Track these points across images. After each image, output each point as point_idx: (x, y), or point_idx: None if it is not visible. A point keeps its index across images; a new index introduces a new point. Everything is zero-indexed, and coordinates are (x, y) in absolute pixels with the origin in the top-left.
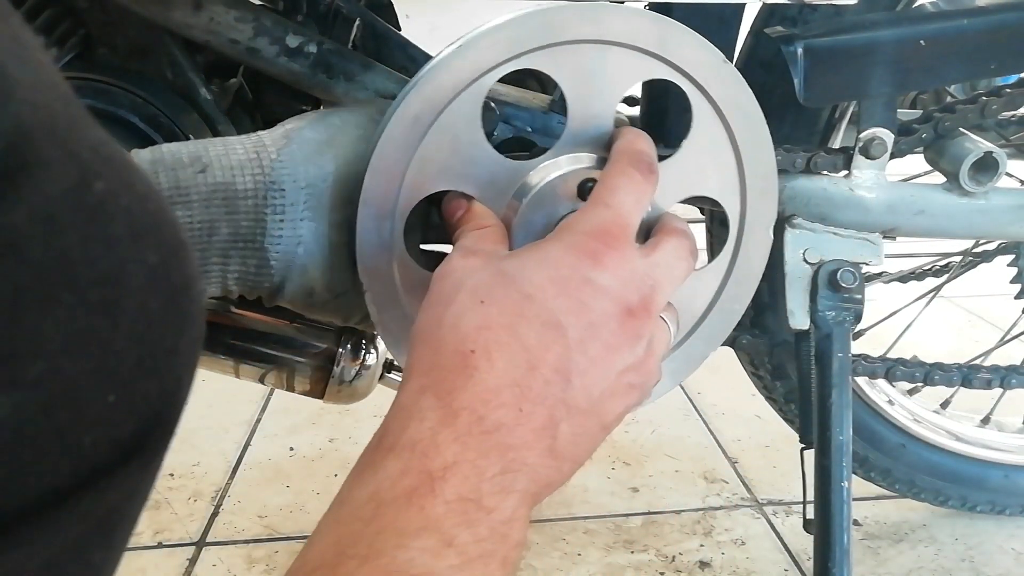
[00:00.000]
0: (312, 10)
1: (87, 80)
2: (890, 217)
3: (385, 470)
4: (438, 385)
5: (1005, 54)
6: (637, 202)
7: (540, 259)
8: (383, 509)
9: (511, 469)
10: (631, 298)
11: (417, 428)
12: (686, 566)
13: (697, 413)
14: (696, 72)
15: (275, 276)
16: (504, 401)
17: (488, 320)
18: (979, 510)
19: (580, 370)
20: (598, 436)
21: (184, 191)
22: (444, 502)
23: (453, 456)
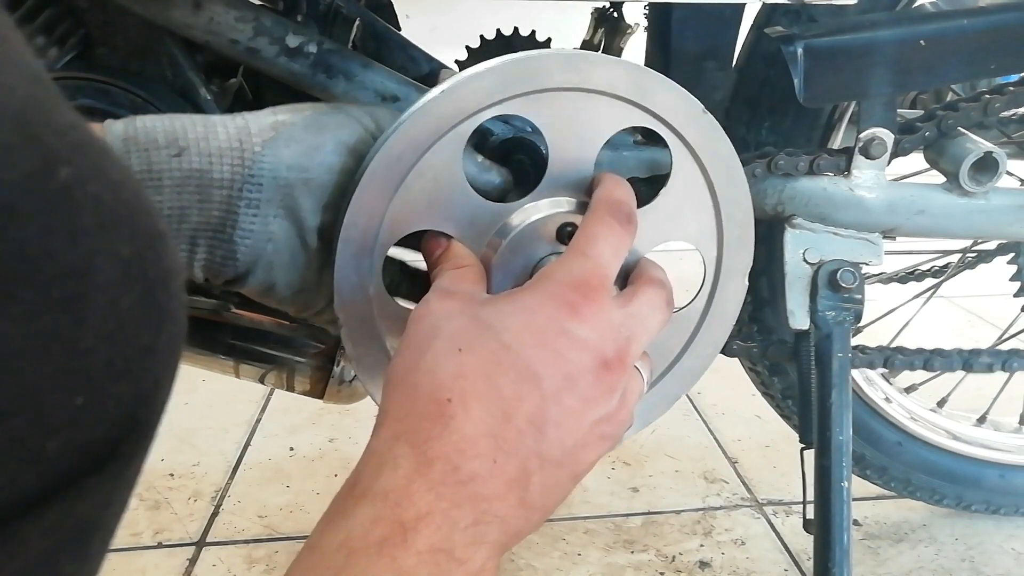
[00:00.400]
0: (312, 10)
1: (87, 80)
2: (890, 217)
3: (356, 518)
4: (413, 433)
5: (1005, 54)
6: (615, 253)
7: (518, 308)
8: (354, 558)
9: (483, 520)
10: (607, 350)
11: (390, 476)
12: (686, 566)
13: (697, 413)
14: (674, 120)
15: (240, 268)
16: (480, 451)
17: (464, 369)
18: (974, 509)
19: (555, 422)
20: (568, 486)
21: (156, 175)
22: (416, 553)
23: (427, 506)
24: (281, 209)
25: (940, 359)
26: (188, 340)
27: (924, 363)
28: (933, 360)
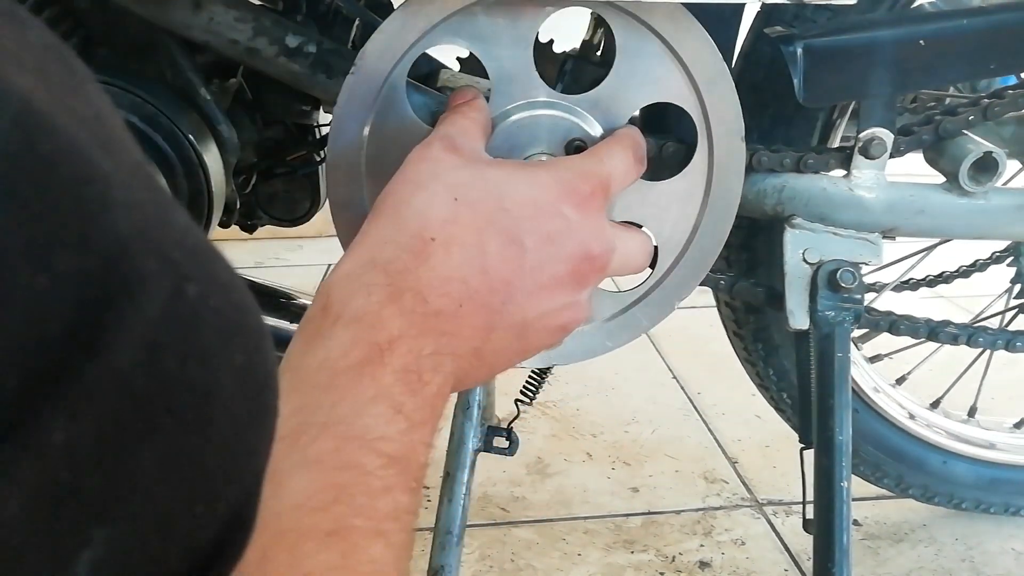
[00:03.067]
0: (312, 10)
1: None
2: (890, 217)
3: (336, 339)
4: (390, 262)
5: (1004, 54)
6: (624, 175)
7: (526, 179)
8: (338, 378)
9: (441, 352)
10: (593, 247)
11: (365, 301)
12: (686, 566)
13: (697, 413)
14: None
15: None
16: (448, 292)
17: (457, 217)
18: (910, 493)
19: (525, 291)
20: (515, 357)
21: None
22: (392, 371)
23: (398, 331)
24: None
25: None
26: None
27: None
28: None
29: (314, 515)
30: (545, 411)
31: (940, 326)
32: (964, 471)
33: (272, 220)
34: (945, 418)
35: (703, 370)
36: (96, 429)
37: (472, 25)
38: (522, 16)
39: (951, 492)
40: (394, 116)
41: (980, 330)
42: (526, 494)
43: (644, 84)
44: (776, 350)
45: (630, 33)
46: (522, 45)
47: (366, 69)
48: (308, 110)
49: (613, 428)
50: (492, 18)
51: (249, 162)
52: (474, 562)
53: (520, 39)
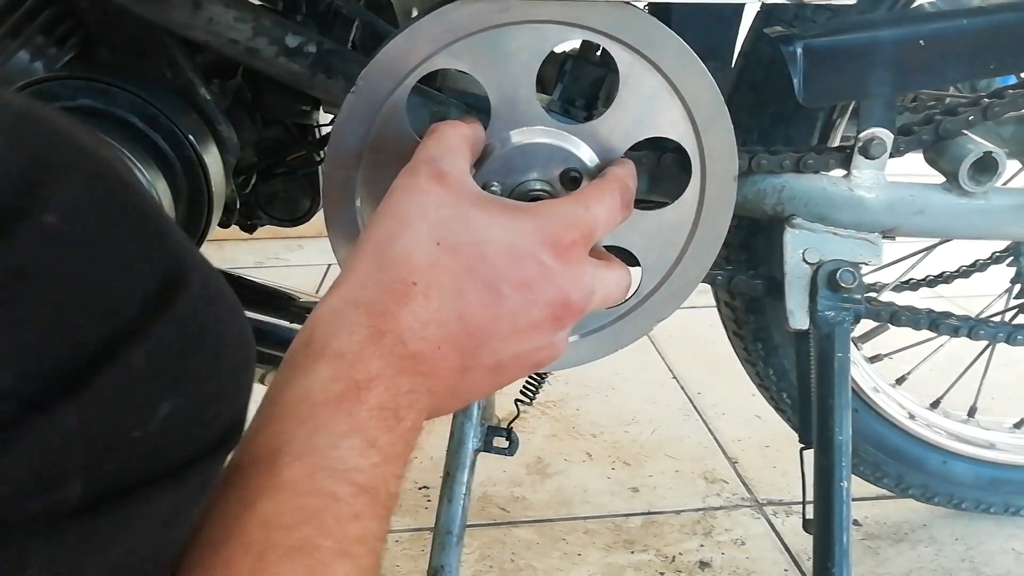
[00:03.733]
0: (311, 10)
1: (87, 80)
2: (889, 217)
3: (317, 374)
4: (373, 304)
5: (1004, 54)
6: (608, 221)
7: (508, 226)
8: (316, 411)
9: (417, 390)
10: (572, 295)
11: (347, 340)
12: (686, 566)
13: (697, 413)
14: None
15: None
16: (427, 336)
17: (439, 262)
18: (910, 493)
19: (501, 336)
20: (489, 391)
21: None
22: (368, 409)
23: (376, 371)
24: None
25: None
26: None
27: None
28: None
29: (282, 532)
30: (545, 411)
31: (941, 317)
32: (964, 471)
33: (272, 220)
34: (945, 418)
35: (703, 370)
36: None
37: (477, 50)
38: (528, 45)
39: (951, 492)
40: (392, 136)
41: (981, 323)
42: (526, 494)
43: (644, 118)
44: (776, 350)
45: (635, 67)
46: (525, 73)
47: (367, 89)
48: (308, 110)
49: (613, 428)
50: (497, 45)
51: (249, 162)
52: (474, 562)
53: (524, 67)
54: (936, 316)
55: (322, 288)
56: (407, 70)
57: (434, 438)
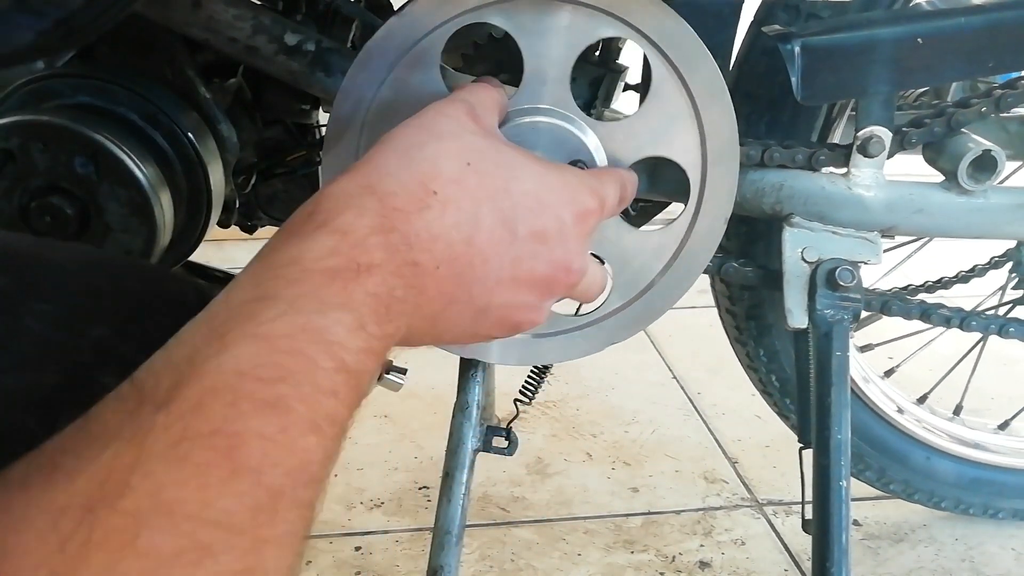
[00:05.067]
0: (311, 10)
1: (87, 78)
2: (888, 216)
3: (316, 242)
4: (389, 197)
5: (1003, 52)
6: (612, 209)
7: (541, 172)
8: (308, 276)
9: (408, 300)
10: (574, 262)
11: (354, 219)
12: (686, 566)
13: (697, 413)
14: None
15: None
16: (431, 249)
17: (465, 180)
18: (891, 488)
19: (499, 277)
20: (462, 337)
21: None
22: (364, 292)
23: (379, 260)
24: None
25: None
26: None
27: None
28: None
29: (256, 384)
30: (545, 411)
31: (933, 308)
32: (948, 469)
33: (272, 220)
34: (931, 414)
35: (703, 370)
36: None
37: (529, 14)
38: (578, 28)
39: (931, 490)
40: (420, 73)
41: (973, 314)
42: (526, 494)
43: (660, 136)
44: (768, 329)
45: (668, 83)
46: (567, 54)
47: (414, 15)
48: (308, 110)
49: (613, 428)
50: (551, 16)
51: (249, 162)
52: (474, 562)
53: (567, 47)
54: (928, 307)
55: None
56: (459, 10)
57: (434, 438)
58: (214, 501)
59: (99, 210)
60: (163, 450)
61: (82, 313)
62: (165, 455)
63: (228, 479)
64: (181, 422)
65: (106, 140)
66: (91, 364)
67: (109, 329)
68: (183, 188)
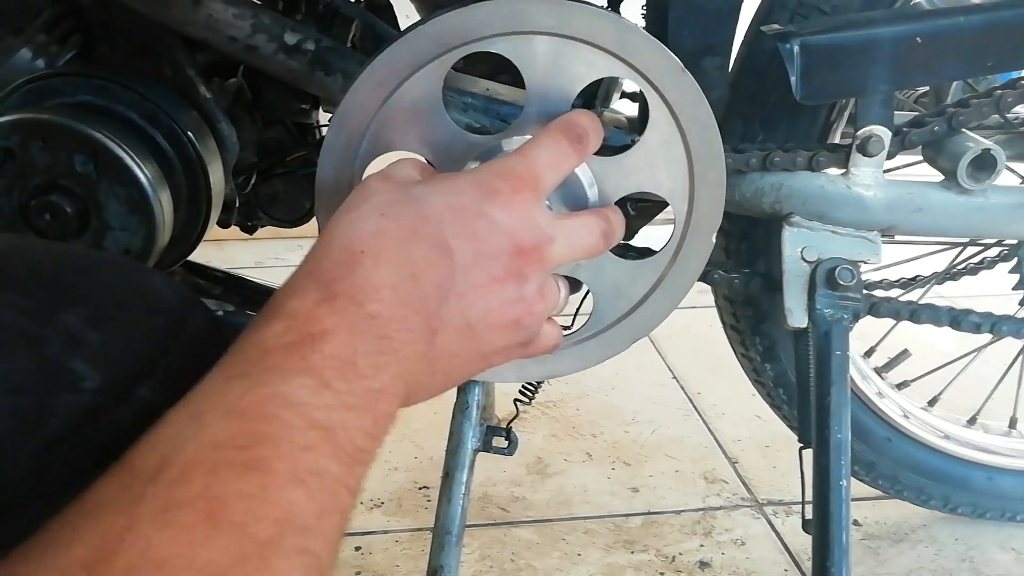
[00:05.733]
0: (311, 10)
1: (87, 77)
2: (888, 215)
3: (269, 328)
4: (325, 273)
5: (1002, 51)
6: (554, 162)
7: (445, 188)
8: (268, 355)
9: (384, 352)
10: (524, 239)
11: (299, 301)
12: (686, 566)
13: (697, 413)
14: (652, 74)
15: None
16: (382, 298)
17: (383, 230)
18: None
19: (459, 292)
20: (475, 363)
21: None
22: (322, 356)
23: (332, 325)
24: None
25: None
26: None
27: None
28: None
29: (234, 452)
30: (545, 411)
31: (962, 314)
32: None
33: (272, 220)
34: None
35: (703, 370)
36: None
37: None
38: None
39: (893, 473)
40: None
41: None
42: (526, 494)
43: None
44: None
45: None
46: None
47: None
48: (307, 109)
49: (613, 428)
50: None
51: (249, 161)
52: (474, 562)
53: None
54: (957, 312)
55: None
56: (463, 40)
57: (434, 438)
58: (201, 554)
59: (99, 208)
60: (152, 516)
61: (51, 303)
62: (154, 520)
63: (213, 535)
64: (167, 492)
65: (106, 139)
66: (60, 351)
67: (78, 317)
68: (183, 187)
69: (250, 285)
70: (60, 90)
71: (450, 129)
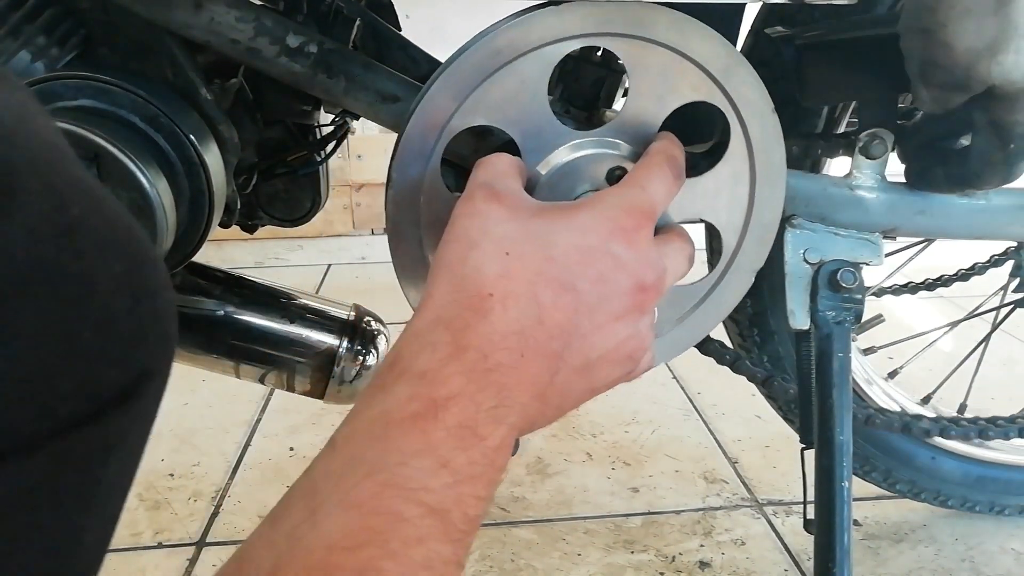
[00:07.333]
0: (313, 10)
1: (88, 80)
2: (890, 217)
3: (395, 394)
4: (453, 320)
5: None
6: (667, 194)
7: (568, 224)
8: (390, 430)
9: (504, 404)
10: (647, 276)
11: (428, 358)
12: (686, 566)
13: (697, 413)
14: (746, 110)
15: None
16: (509, 346)
17: (510, 271)
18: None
19: (582, 333)
20: (584, 395)
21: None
22: (444, 428)
23: (457, 388)
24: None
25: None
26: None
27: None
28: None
29: (344, 554)
30: None
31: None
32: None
33: (273, 220)
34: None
35: (703, 370)
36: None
37: (486, 100)
38: (528, 76)
39: (938, 489)
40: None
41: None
42: (526, 494)
43: (663, 94)
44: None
45: (634, 52)
46: (537, 99)
47: (401, 182)
48: (309, 110)
49: (613, 428)
50: (502, 85)
51: (250, 162)
52: (474, 562)
53: (533, 97)
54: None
55: (322, 288)
56: (429, 150)
57: None
58: None
59: None
60: None
61: None
62: None
63: None
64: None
65: (107, 142)
66: None
67: None
68: (185, 189)
69: (250, 285)
70: (60, 94)
71: (547, 116)
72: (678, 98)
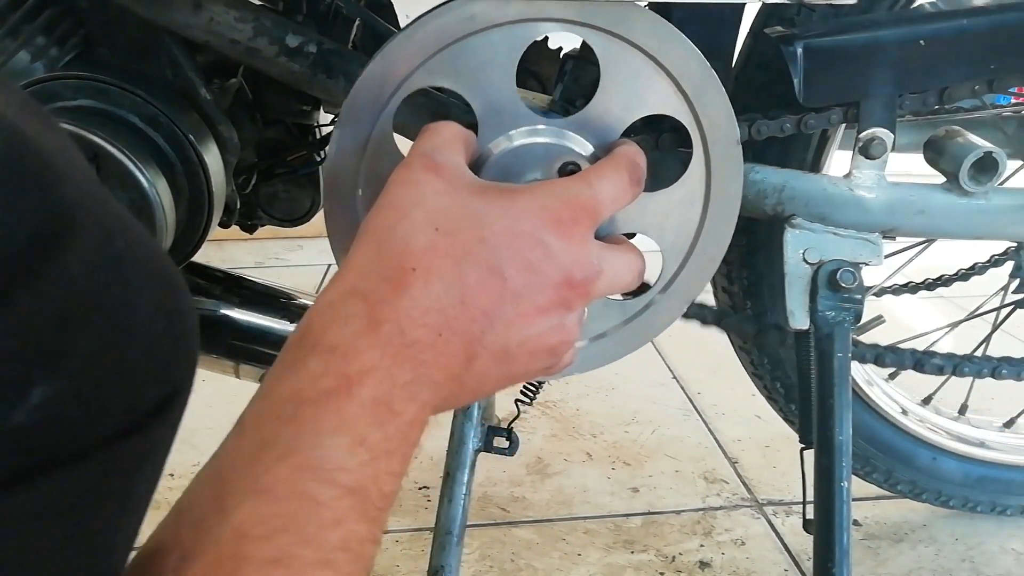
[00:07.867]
0: (312, 10)
1: (87, 80)
2: (890, 217)
3: (306, 369)
4: (371, 292)
5: (1005, 54)
6: (615, 199)
7: (505, 207)
8: (302, 409)
9: (419, 380)
10: (576, 273)
11: (340, 331)
12: (686, 566)
13: (697, 413)
14: (712, 136)
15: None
16: (427, 323)
17: (437, 247)
18: (899, 489)
19: (505, 320)
20: (503, 382)
21: None
22: (359, 403)
23: (371, 363)
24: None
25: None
26: None
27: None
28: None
29: (257, 543)
30: (545, 411)
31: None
32: (954, 468)
33: (272, 220)
34: (936, 415)
35: (703, 370)
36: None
37: (452, 63)
38: (500, 49)
39: (940, 489)
40: (385, 158)
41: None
42: (526, 494)
43: (632, 99)
44: None
45: (612, 50)
46: (504, 77)
47: (348, 130)
48: (308, 110)
49: (613, 428)
50: (469, 55)
51: (249, 162)
52: (474, 562)
53: (501, 71)
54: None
55: (322, 288)
56: (385, 98)
57: (434, 439)
58: None
59: None
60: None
61: None
62: None
63: None
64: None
65: (107, 143)
66: None
67: None
68: (184, 189)
69: (250, 285)
70: (59, 94)
71: (511, 94)
72: (646, 107)
